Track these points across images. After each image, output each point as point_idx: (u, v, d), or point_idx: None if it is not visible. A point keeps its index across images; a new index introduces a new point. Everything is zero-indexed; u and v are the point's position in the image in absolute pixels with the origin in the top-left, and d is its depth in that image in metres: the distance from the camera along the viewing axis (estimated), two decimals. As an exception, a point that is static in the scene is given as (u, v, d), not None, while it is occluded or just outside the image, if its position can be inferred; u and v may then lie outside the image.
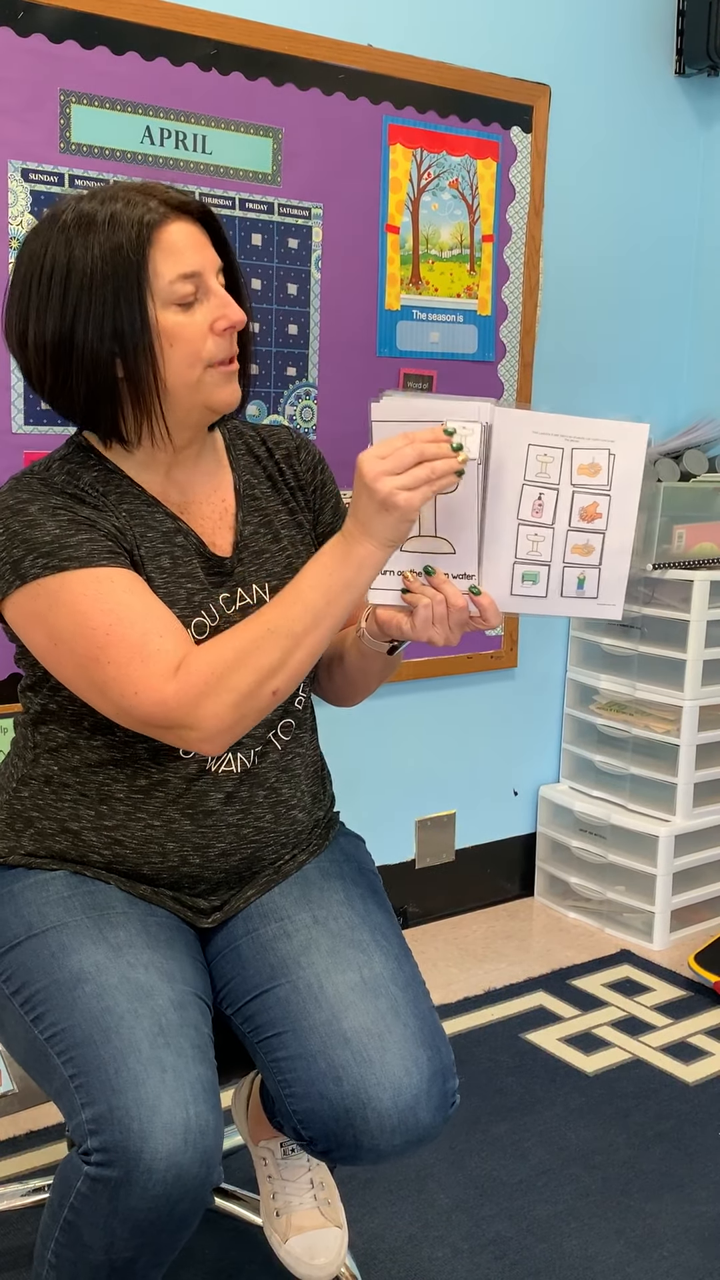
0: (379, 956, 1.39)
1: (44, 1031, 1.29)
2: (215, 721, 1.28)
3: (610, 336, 3.04)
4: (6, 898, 1.42)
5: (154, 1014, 1.26)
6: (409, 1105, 1.29)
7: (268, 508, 1.50)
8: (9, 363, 2.15)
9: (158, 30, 2.22)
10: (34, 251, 1.33)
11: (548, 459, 1.27)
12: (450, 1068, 1.35)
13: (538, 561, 1.31)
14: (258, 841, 1.47)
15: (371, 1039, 1.30)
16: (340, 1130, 1.29)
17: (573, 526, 1.29)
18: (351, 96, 2.47)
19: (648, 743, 2.92)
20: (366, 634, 1.42)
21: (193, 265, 1.32)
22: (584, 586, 1.32)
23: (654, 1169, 2.03)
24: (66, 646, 1.31)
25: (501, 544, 1.30)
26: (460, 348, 2.72)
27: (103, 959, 1.31)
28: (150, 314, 1.31)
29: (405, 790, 2.90)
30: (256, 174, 2.38)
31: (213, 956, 1.46)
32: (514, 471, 1.27)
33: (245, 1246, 1.80)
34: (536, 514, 1.29)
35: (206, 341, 1.34)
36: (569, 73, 2.82)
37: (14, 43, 2.08)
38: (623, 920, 2.94)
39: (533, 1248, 1.83)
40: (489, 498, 1.29)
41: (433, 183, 2.61)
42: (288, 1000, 1.35)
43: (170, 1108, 1.19)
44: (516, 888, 3.15)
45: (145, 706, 1.28)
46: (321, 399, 2.54)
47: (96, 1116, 1.20)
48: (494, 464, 1.27)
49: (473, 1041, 2.40)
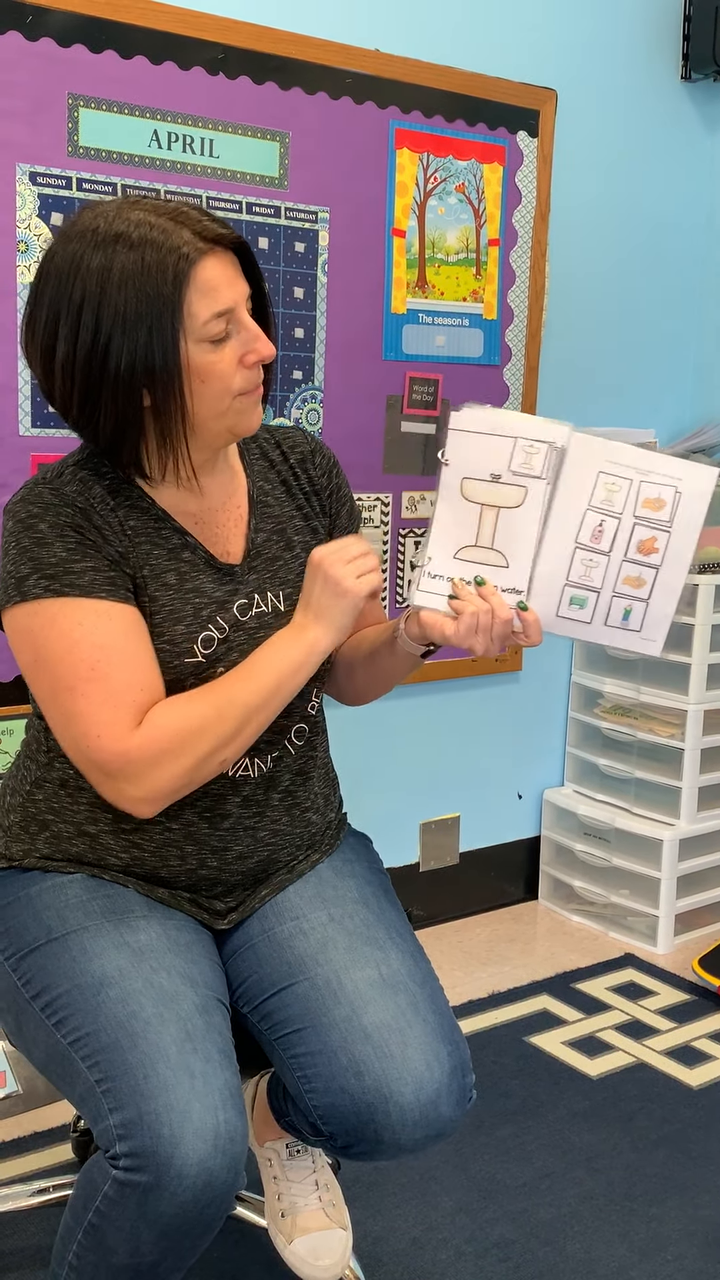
0: (395, 953, 1.40)
1: (67, 1036, 1.29)
2: (166, 784, 1.31)
3: (616, 341, 3.05)
4: (24, 901, 1.42)
5: (180, 1019, 1.27)
6: (430, 1099, 1.30)
7: (280, 514, 1.50)
8: (16, 365, 2.16)
9: (165, 34, 2.22)
10: (64, 271, 1.30)
11: (615, 488, 1.28)
12: (467, 1063, 1.36)
13: (588, 587, 1.32)
14: (274, 844, 1.48)
15: (392, 1034, 1.31)
16: (361, 1125, 1.30)
17: (628, 557, 1.31)
18: (358, 101, 2.48)
19: (652, 746, 2.92)
20: (405, 635, 1.43)
21: (226, 303, 1.31)
22: (629, 618, 1.33)
23: (657, 1172, 2.03)
24: (49, 669, 1.32)
25: (556, 564, 1.32)
26: (466, 351, 2.72)
27: (125, 963, 1.32)
28: (182, 352, 1.29)
29: (410, 793, 2.90)
30: (263, 178, 2.38)
31: (228, 956, 1.47)
32: (580, 496, 1.29)
33: (250, 1247, 1.80)
34: (595, 540, 1.30)
35: (236, 376, 1.34)
36: (575, 77, 2.83)
37: (23, 46, 2.08)
38: (627, 924, 2.94)
39: (536, 1250, 1.83)
40: (552, 517, 1.30)
41: (439, 187, 2.62)
42: (307, 997, 1.36)
43: (201, 1114, 1.20)
44: (520, 891, 3.16)
45: (104, 752, 1.30)
46: (327, 402, 2.54)
47: (125, 1122, 1.20)
48: (563, 486, 1.29)
49: (477, 1045, 2.40)
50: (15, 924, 1.40)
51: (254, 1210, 1.79)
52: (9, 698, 2.22)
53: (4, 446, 2.17)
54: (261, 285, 1.40)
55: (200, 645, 1.38)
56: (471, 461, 1.32)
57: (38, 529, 1.32)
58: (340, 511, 1.56)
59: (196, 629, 1.38)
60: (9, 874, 1.46)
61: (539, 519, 1.30)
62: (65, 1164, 1.98)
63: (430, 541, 1.39)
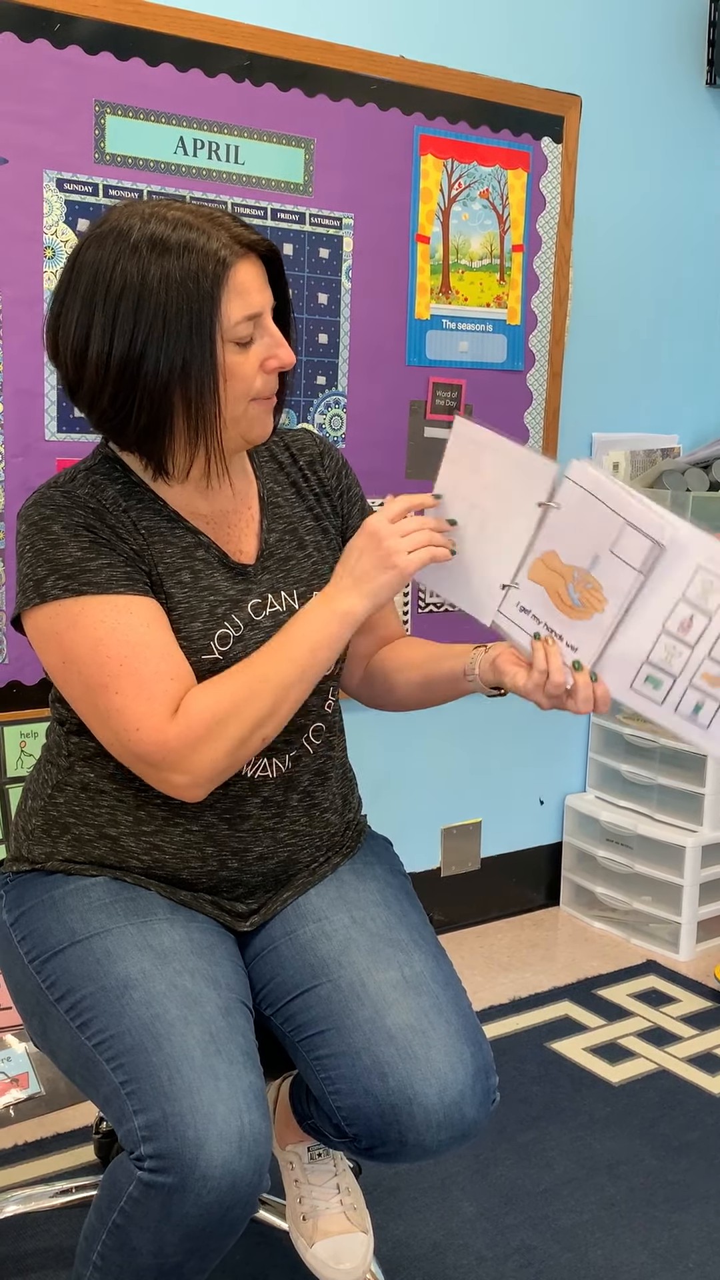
0: (418, 955, 1.40)
1: (92, 1038, 1.30)
2: (209, 767, 1.32)
3: (640, 346, 3.04)
4: (48, 904, 1.42)
5: (204, 1021, 1.27)
6: (455, 1101, 1.30)
7: (292, 515, 1.51)
8: (42, 372, 2.17)
9: (192, 42, 2.24)
10: (99, 268, 1.31)
11: (711, 588, 1.27)
12: (491, 1064, 1.36)
13: (667, 671, 1.31)
14: (293, 845, 1.48)
15: (416, 1035, 1.31)
16: (385, 1127, 1.30)
17: (712, 656, 1.29)
18: (383, 107, 2.48)
19: (675, 752, 2.92)
20: (479, 677, 1.43)
21: (256, 307, 1.33)
22: (699, 713, 1.31)
23: (680, 1179, 2.02)
24: (77, 669, 1.33)
25: (640, 640, 1.31)
26: (489, 357, 2.72)
27: (149, 966, 1.32)
28: (219, 351, 1.31)
29: (431, 798, 2.90)
30: (288, 184, 2.39)
31: (251, 959, 1.47)
32: (677, 585, 1.28)
33: (272, 1250, 1.80)
34: (683, 631, 1.29)
35: (256, 379, 1.36)
36: (600, 83, 2.83)
37: (50, 54, 2.10)
38: (649, 931, 2.93)
39: (558, 1257, 1.83)
40: (644, 597, 1.29)
41: (463, 193, 2.62)
42: (330, 999, 1.36)
43: (225, 1115, 1.21)
44: (542, 897, 3.15)
45: (145, 744, 1.31)
46: (351, 408, 2.55)
47: (150, 1123, 1.21)
48: (659, 571, 1.27)
49: (498, 1050, 2.40)
50: (39, 927, 1.41)
51: (275, 1213, 1.80)
52: (33, 700, 2.23)
53: (31, 452, 2.18)
54: (286, 296, 1.41)
55: (217, 642, 1.38)
56: (578, 525, 1.30)
57: (51, 530, 1.33)
58: (352, 511, 1.57)
59: (213, 626, 1.39)
60: (32, 877, 1.47)
61: (620, 604, 1.30)
62: (88, 1165, 1.99)
63: (521, 565, 1.36)
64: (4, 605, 2.20)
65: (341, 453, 1.59)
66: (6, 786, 2.23)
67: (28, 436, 2.18)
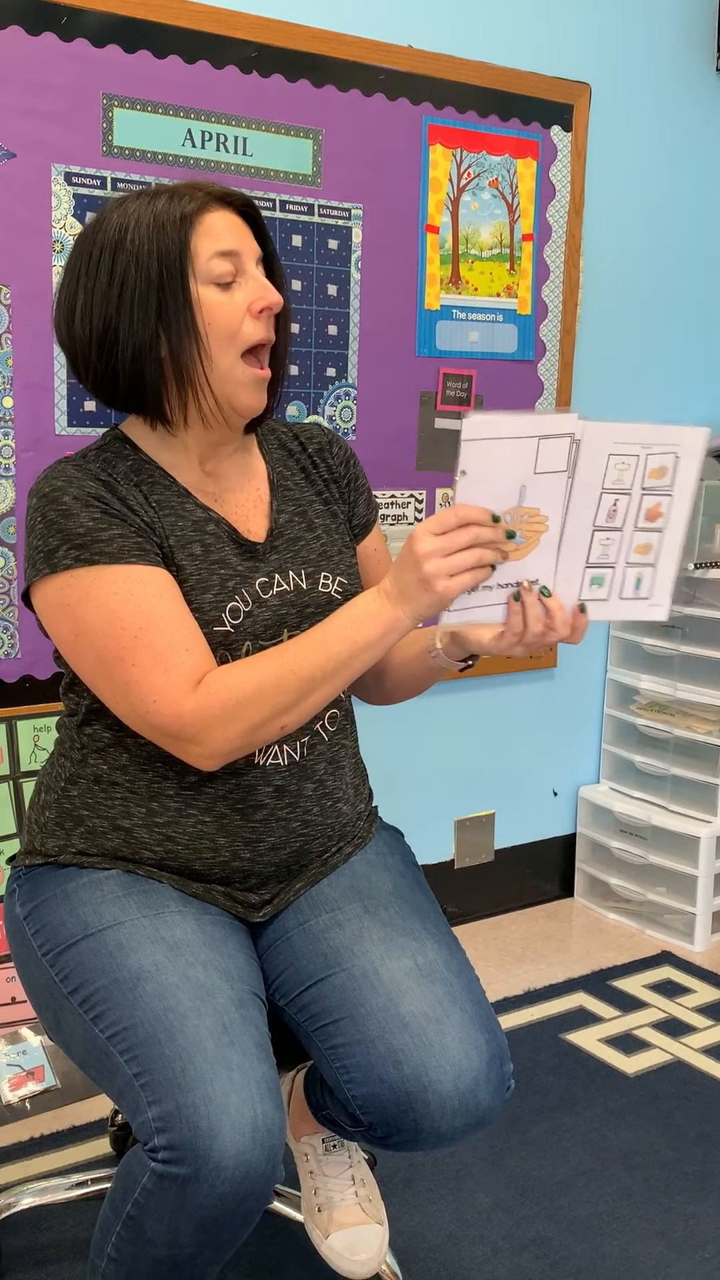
0: (431, 944, 1.40)
1: (105, 1030, 1.30)
2: (224, 745, 1.32)
3: (651, 335, 3.03)
4: (60, 897, 1.43)
5: (216, 1012, 1.27)
6: (469, 1088, 1.30)
7: (301, 498, 1.52)
8: (52, 366, 2.17)
9: (199, 33, 2.23)
10: (87, 234, 1.39)
11: (624, 466, 1.30)
12: (505, 1052, 1.36)
13: (605, 565, 1.34)
14: (306, 835, 1.48)
15: (430, 1023, 1.31)
16: (400, 1114, 1.30)
17: (638, 527, 1.33)
18: (392, 97, 2.47)
19: (689, 743, 2.91)
20: (442, 654, 1.43)
21: (230, 244, 1.36)
22: (640, 586, 1.36)
23: (696, 1170, 2.02)
24: (89, 641, 1.33)
25: (576, 550, 1.32)
26: (500, 347, 2.71)
27: (162, 958, 1.32)
28: (191, 290, 1.35)
29: (444, 790, 2.90)
30: (297, 175, 2.39)
31: (264, 950, 1.47)
32: (595, 479, 1.30)
33: (287, 1242, 1.80)
34: (610, 519, 1.32)
35: (244, 323, 1.37)
36: (609, 71, 2.81)
37: (57, 47, 2.10)
38: (663, 921, 2.93)
39: (573, 1248, 1.83)
40: (571, 501, 1.30)
41: (473, 182, 2.61)
42: (344, 987, 1.36)
43: (238, 1106, 1.21)
44: (556, 888, 3.15)
45: (162, 716, 1.31)
46: (361, 399, 2.54)
47: (163, 1115, 1.21)
48: (579, 476, 1.29)
49: (513, 1041, 2.40)
50: (52, 920, 1.41)
51: (291, 1205, 1.80)
52: (46, 695, 2.24)
53: (41, 445, 2.18)
54: (271, 250, 1.43)
55: (229, 615, 1.38)
56: (494, 470, 1.29)
57: (62, 501, 1.34)
58: (358, 500, 1.58)
59: (224, 599, 1.39)
60: (45, 870, 1.47)
61: (560, 514, 1.31)
62: (103, 1158, 2.00)
63: None
64: (15, 600, 2.20)
65: (349, 444, 1.60)
66: (20, 781, 2.23)
67: (38, 430, 2.18)
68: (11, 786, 2.22)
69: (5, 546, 2.18)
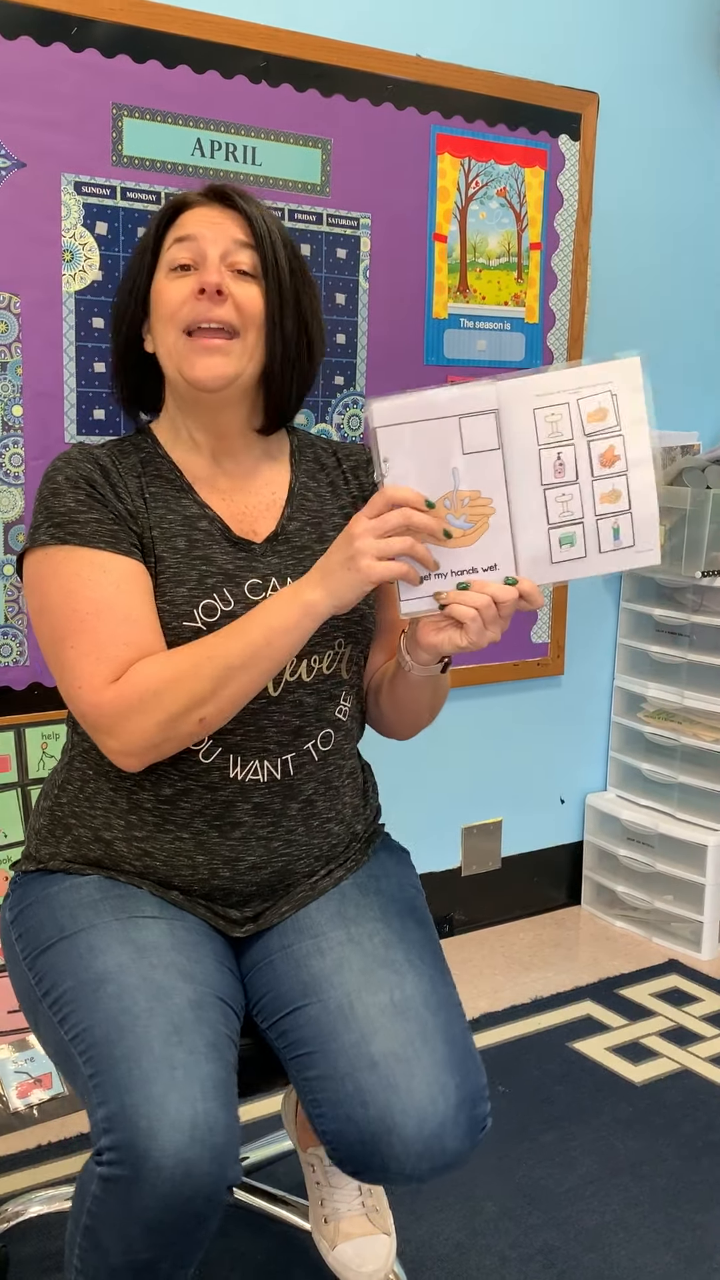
0: (411, 977, 1.36)
1: (68, 1032, 1.30)
2: (140, 738, 1.32)
3: (658, 344, 3.03)
4: (43, 901, 1.44)
5: (169, 1013, 1.26)
6: (434, 1133, 1.26)
7: (320, 510, 1.50)
8: (61, 374, 2.18)
9: (208, 43, 2.24)
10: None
11: (556, 417, 1.24)
12: (480, 1092, 1.31)
13: (572, 521, 1.28)
14: (288, 855, 1.45)
15: (399, 1064, 1.28)
16: (367, 1154, 1.27)
17: (596, 475, 1.27)
18: (400, 107, 2.48)
19: (696, 751, 2.90)
20: (415, 665, 1.38)
21: (189, 230, 1.40)
22: (620, 536, 1.29)
23: (703, 1180, 2.01)
24: (49, 618, 1.36)
25: (532, 515, 1.26)
26: (508, 356, 2.72)
27: (127, 960, 1.32)
28: (156, 276, 1.42)
29: (451, 797, 2.90)
30: (305, 185, 2.39)
31: (248, 969, 1.45)
32: (527, 440, 1.25)
33: (294, 1251, 1.80)
34: (559, 474, 1.26)
35: (183, 307, 1.39)
36: (617, 80, 2.82)
37: (67, 57, 2.10)
38: (670, 930, 2.93)
39: (581, 1257, 1.82)
40: (509, 472, 1.25)
41: (480, 191, 2.62)
42: (318, 1020, 1.34)
43: (178, 1104, 1.18)
44: (563, 896, 3.14)
45: (84, 703, 1.33)
46: (369, 407, 2.54)
47: (108, 1115, 1.20)
48: (507, 437, 1.24)
49: (520, 1050, 2.40)
50: (33, 924, 1.42)
51: (299, 1214, 1.80)
52: (54, 702, 2.24)
53: (50, 454, 2.19)
54: (265, 251, 1.41)
55: (201, 612, 1.38)
56: (417, 455, 1.23)
57: (55, 480, 1.38)
58: None
59: (199, 595, 1.38)
60: (36, 876, 1.48)
61: (503, 492, 1.25)
62: (111, 1166, 2.00)
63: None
64: (24, 607, 2.21)
65: None
66: (28, 788, 2.24)
67: (48, 438, 2.18)
68: (19, 794, 2.23)
69: (14, 554, 2.19)
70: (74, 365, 2.19)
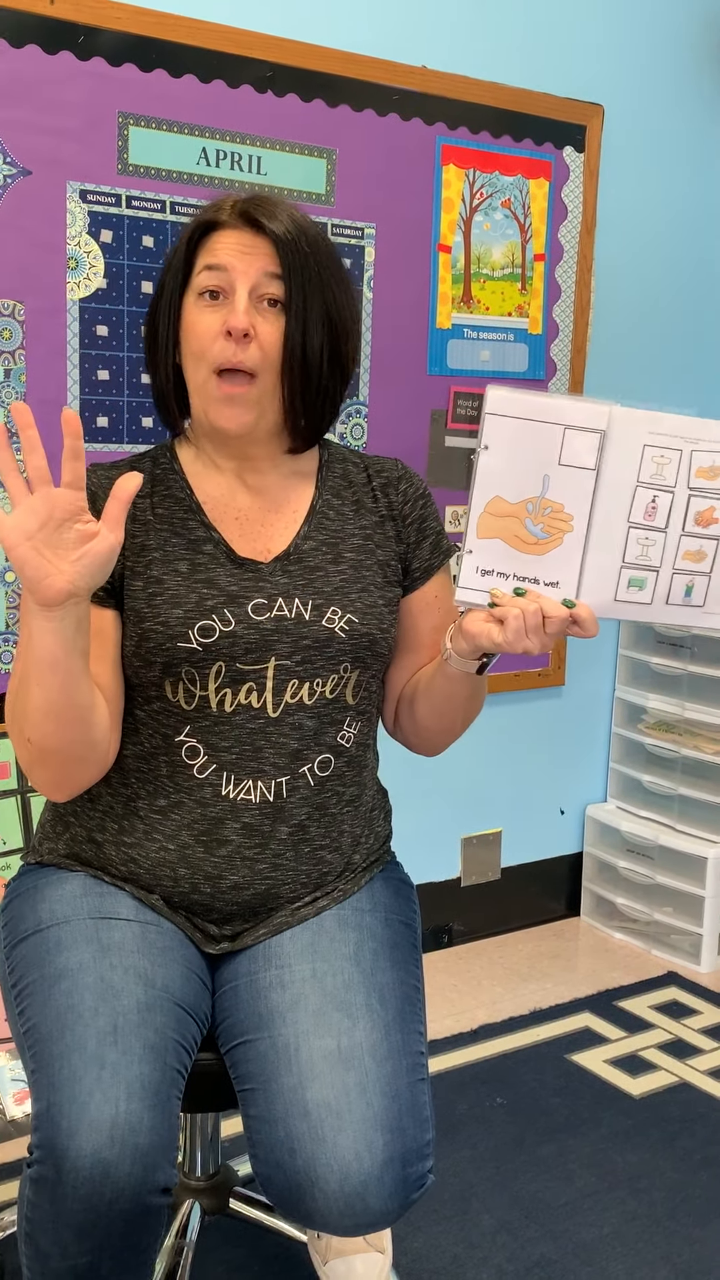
0: (365, 1024, 1.30)
1: (23, 1025, 1.30)
2: (24, 761, 1.34)
3: (662, 356, 3.03)
4: (30, 892, 1.44)
5: (114, 1014, 1.25)
6: (356, 1191, 1.21)
7: (339, 530, 1.46)
8: (65, 381, 2.18)
9: (215, 53, 2.24)
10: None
11: (664, 460, 1.23)
12: (418, 1150, 1.26)
13: (646, 566, 1.26)
14: (273, 878, 1.42)
15: (330, 1115, 1.23)
16: (293, 1202, 1.25)
17: (686, 531, 1.25)
18: (405, 117, 2.49)
19: (697, 763, 2.90)
20: (454, 654, 1.37)
21: (220, 259, 1.36)
22: (691, 594, 1.27)
23: (701, 1194, 2.01)
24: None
25: (609, 546, 1.25)
26: (511, 366, 2.72)
27: (88, 959, 1.31)
28: (185, 300, 1.39)
29: (451, 808, 2.90)
30: (310, 194, 2.40)
31: (219, 987, 1.43)
32: (628, 473, 1.23)
33: (293, 1263, 1.80)
34: (649, 517, 1.24)
35: (214, 344, 1.36)
36: (622, 92, 2.82)
37: (74, 66, 2.11)
38: (670, 942, 2.92)
39: (578, 1271, 1.82)
40: (599, 497, 1.24)
41: (485, 202, 2.62)
42: (265, 1057, 1.30)
43: (99, 1104, 1.17)
44: (562, 907, 3.14)
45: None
46: (372, 417, 2.55)
47: (37, 1114, 1.19)
48: (608, 464, 1.22)
49: (518, 1061, 2.39)
50: (17, 915, 1.43)
51: (296, 1226, 1.79)
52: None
53: (54, 462, 2.19)
54: (293, 286, 1.36)
55: (197, 633, 1.36)
56: (516, 452, 1.23)
57: None
58: (421, 543, 1.49)
59: (196, 617, 1.37)
60: (34, 869, 1.50)
61: (585, 513, 1.24)
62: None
63: (471, 532, 1.29)
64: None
65: (424, 484, 1.52)
66: (28, 795, 2.23)
67: (51, 446, 2.18)
68: (19, 801, 2.23)
69: (16, 561, 2.19)
70: (78, 373, 2.20)
